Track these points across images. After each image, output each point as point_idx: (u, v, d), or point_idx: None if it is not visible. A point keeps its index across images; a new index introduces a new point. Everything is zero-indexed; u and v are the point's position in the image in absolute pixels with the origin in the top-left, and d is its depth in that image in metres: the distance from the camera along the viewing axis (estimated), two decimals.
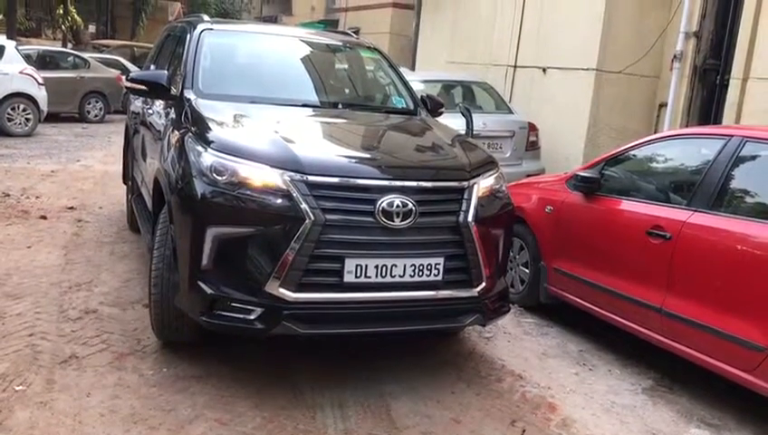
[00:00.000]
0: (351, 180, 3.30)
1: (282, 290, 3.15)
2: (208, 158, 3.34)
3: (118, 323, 4.14)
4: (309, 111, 4.39)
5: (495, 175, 3.79)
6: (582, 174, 4.63)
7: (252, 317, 3.19)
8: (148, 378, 3.50)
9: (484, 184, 3.63)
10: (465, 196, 3.48)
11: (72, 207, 7.03)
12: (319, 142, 3.85)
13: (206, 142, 3.45)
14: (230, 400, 3.34)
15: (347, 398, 3.46)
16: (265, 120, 3.91)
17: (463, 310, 3.53)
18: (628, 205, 4.32)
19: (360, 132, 4.29)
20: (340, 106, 4.60)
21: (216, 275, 3.24)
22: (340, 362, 3.85)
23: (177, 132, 3.77)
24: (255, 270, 3.18)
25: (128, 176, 6.38)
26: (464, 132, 6.51)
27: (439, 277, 3.36)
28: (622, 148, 4.69)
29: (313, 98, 4.64)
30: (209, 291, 3.22)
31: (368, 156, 3.72)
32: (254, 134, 3.61)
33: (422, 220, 3.32)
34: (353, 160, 3.58)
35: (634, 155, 4.60)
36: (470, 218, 3.42)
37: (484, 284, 3.49)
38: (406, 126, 4.54)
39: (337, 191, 3.26)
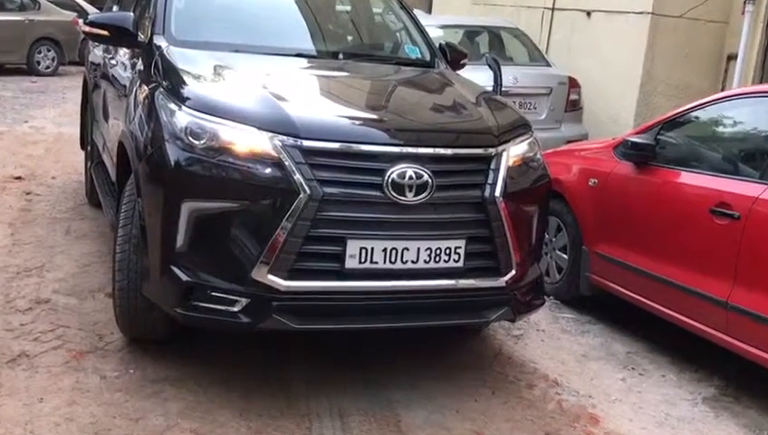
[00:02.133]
0: (355, 146, 3.30)
1: (271, 277, 3.16)
2: (183, 118, 3.34)
3: (75, 316, 4.16)
4: (304, 62, 4.38)
5: (529, 140, 3.78)
6: (634, 140, 4.61)
7: (236, 309, 3.21)
8: (111, 381, 3.52)
9: (514, 151, 3.62)
10: (492, 166, 3.47)
11: (19, 177, 7.04)
12: (316, 100, 3.84)
13: (181, 99, 3.44)
14: (209, 407, 3.37)
15: (348, 405, 3.49)
16: (252, 73, 3.90)
17: (488, 303, 3.54)
18: (688, 177, 4.30)
19: (366, 88, 4.28)
20: (341, 56, 4.58)
21: (193, 259, 3.26)
22: (340, 362, 3.87)
23: (145, 87, 3.76)
24: (240, 253, 3.19)
25: (86, 140, 6.38)
26: (490, 89, 6.47)
27: (460, 264, 3.37)
28: (682, 109, 4.66)
29: (309, 46, 4.62)
30: (185, 278, 3.23)
31: (374, 117, 3.71)
32: (239, 90, 3.60)
33: (439, 195, 3.32)
34: (357, 122, 3.57)
35: (696, 117, 4.57)
36: (497, 193, 3.41)
37: (513, 272, 3.49)
38: (420, 81, 4.53)
39: (337, 159, 3.26)
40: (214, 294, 3.22)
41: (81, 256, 5.09)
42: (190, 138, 3.26)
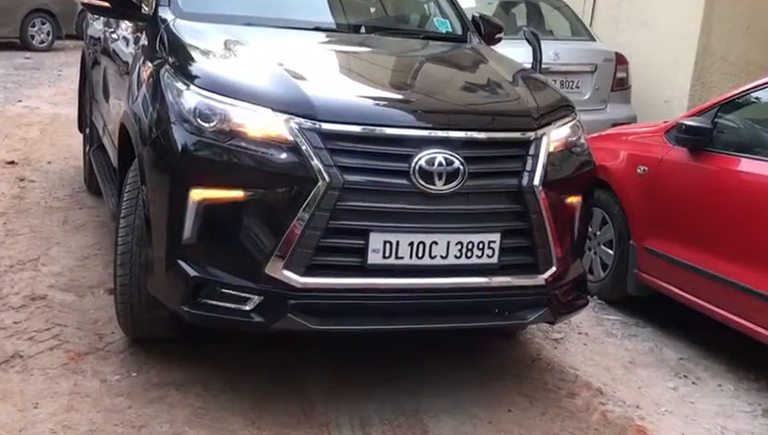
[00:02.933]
0: (379, 130, 3.31)
1: (287, 273, 3.18)
2: (191, 98, 3.36)
3: (73, 314, 4.21)
4: (322, 36, 4.40)
5: (572, 123, 3.77)
6: (688, 123, 4.58)
7: (248, 308, 3.24)
8: (112, 385, 3.56)
9: (556, 135, 3.61)
10: (531, 151, 3.47)
11: (12, 162, 7.13)
12: (336, 79, 3.85)
13: (189, 77, 3.46)
14: (219, 414, 3.39)
15: (370, 414, 3.50)
16: (266, 49, 3.92)
17: (525, 303, 3.54)
18: (749, 165, 4.27)
19: (391, 66, 4.28)
20: (363, 30, 4.60)
21: (202, 253, 3.28)
22: (361, 365, 3.89)
23: (149, 64, 3.79)
24: (253, 247, 3.21)
25: (85, 122, 6.43)
26: (529, 66, 6.44)
27: (494, 259, 3.38)
28: (743, 88, 4.62)
29: (328, 19, 4.64)
30: (193, 273, 3.26)
31: (401, 97, 3.72)
32: (252, 67, 3.62)
33: (472, 183, 3.32)
34: (381, 103, 3.58)
35: (758, 98, 4.53)
36: (536, 181, 3.41)
37: (553, 268, 3.49)
38: (451, 57, 4.52)
39: (360, 144, 3.27)
40: (224, 290, 3.25)
41: (79, 248, 5.14)
42: (199, 120, 3.28)
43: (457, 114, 3.61)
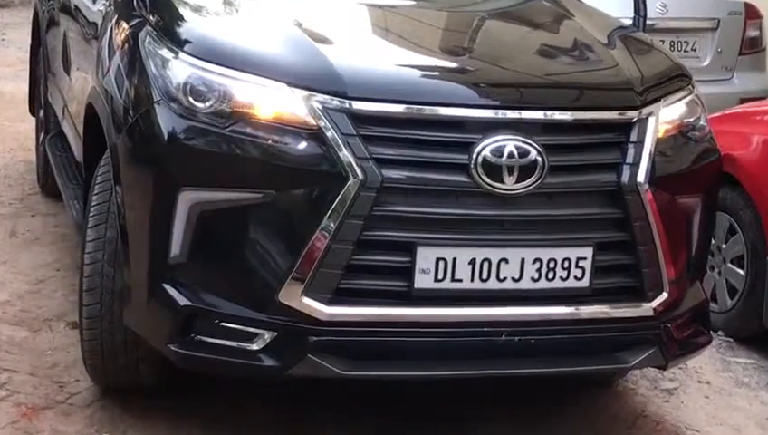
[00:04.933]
0: (429, 109, 3.32)
1: (307, 301, 3.18)
2: (181, 69, 3.36)
3: (25, 355, 4.23)
4: None
5: (688, 99, 3.77)
6: None
7: (256, 347, 3.25)
8: None
9: (666, 116, 3.60)
10: (633, 137, 3.45)
11: None
12: (371, 43, 3.87)
13: (177, 42, 3.48)
14: None
15: None
16: (278, 5, 3.94)
17: (626, 341, 3.52)
18: None
19: (441, 24, 4.29)
20: None
21: (196, 275, 3.30)
22: (396, 416, 3.89)
23: (125, 25, 3.82)
24: (262, 267, 3.23)
25: (38, 102, 6.49)
26: (629, 23, 6.39)
27: (584, 282, 3.37)
28: None
29: None
30: (183, 301, 3.28)
31: (456, 66, 3.73)
32: (261, 28, 3.64)
33: (554, 180, 3.31)
34: (431, 75, 3.58)
35: None
36: (641, 177, 3.38)
37: (664, 294, 3.47)
38: (523, 12, 4.54)
39: (403, 129, 3.27)
40: (224, 324, 3.27)
41: (32, 268, 5.18)
42: (191, 98, 3.28)
43: (533, 88, 3.62)
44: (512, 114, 3.35)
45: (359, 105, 3.23)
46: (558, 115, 3.43)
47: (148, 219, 3.34)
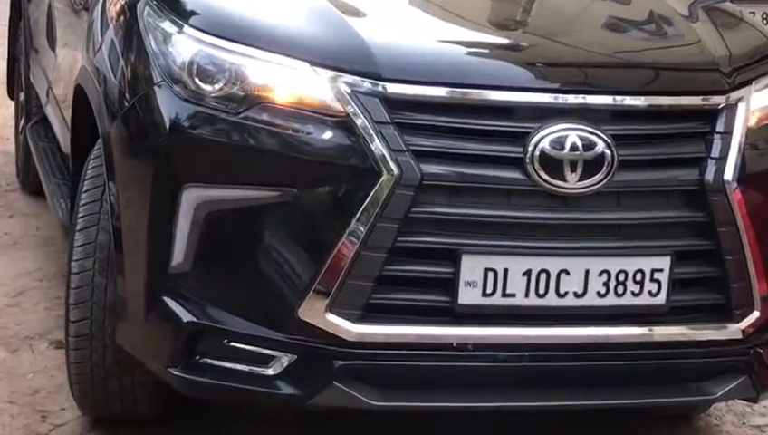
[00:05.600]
0: (476, 93, 3.27)
1: (332, 318, 3.14)
2: (186, 45, 3.34)
3: (2, 380, 4.22)
4: None
5: None
6: None
7: (272, 372, 3.23)
8: None
9: (759, 102, 3.53)
10: (719, 127, 3.39)
11: None
12: (407, 15, 3.85)
13: (181, 14, 3.44)
14: None
15: None
16: None
17: (710, 368, 3.48)
18: None
19: None
20: None
21: (201, 287, 3.28)
22: None
23: None
24: (279, 277, 3.20)
25: (19, 83, 6.56)
26: None
27: (660, 298, 3.30)
28: None
29: None
30: (187, 317, 3.24)
31: (508, 42, 3.74)
32: None
33: (625, 178, 3.26)
34: (479, 52, 3.56)
35: None
36: (728, 175, 3.32)
37: (756, 313, 3.40)
38: None
39: (446, 116, 3.23)
40: (234, 345, 3.24)
41: (10, 278, 5.18)
42: (197, 80, 3.26)
43: (600, 68, 3.60)
44: (574, 99, 3.30)
45: (394, 88, 3.19)
46: (629, 100, 3.38)
47: (147, 221, 3.31)
